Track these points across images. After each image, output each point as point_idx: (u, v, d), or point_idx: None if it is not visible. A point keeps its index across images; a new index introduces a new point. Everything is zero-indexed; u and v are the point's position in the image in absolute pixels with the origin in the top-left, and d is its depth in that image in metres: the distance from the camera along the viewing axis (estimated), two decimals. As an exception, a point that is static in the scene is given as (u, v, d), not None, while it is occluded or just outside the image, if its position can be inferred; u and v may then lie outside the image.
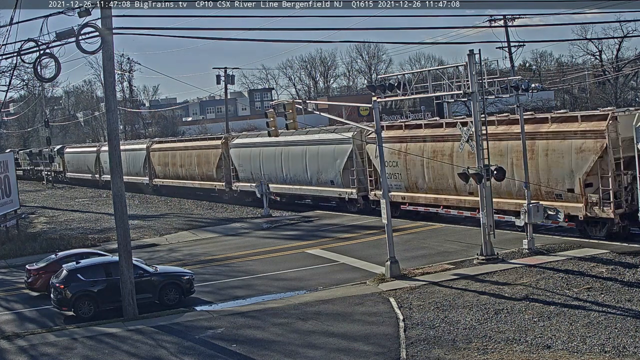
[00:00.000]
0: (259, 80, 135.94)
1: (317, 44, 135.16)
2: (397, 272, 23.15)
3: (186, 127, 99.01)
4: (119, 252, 21.38)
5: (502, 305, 18.80)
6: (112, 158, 21.63)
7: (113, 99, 21.69)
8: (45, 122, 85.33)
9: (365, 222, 35.57)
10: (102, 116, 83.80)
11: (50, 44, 20.42)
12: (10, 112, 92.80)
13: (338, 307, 20.18)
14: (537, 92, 29.13)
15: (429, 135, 33.52)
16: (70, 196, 66.17)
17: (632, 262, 22.12)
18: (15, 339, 19.46)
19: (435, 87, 26.65)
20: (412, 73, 27.76)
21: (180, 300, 22.60)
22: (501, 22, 59.07)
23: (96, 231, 39.48)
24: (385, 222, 23.58)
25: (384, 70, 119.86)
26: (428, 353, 15.87)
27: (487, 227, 24.14)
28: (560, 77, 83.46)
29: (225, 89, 76.17)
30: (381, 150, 24.23)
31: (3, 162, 39.01)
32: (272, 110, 27.79)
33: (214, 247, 33.08)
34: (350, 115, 75.51)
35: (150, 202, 55.45)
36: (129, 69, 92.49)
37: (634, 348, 15.01)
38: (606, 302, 18.35)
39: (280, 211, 43.28)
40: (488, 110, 27.99)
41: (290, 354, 16.68)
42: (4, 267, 31.44)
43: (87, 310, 21.70)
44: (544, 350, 15.43)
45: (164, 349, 17.87)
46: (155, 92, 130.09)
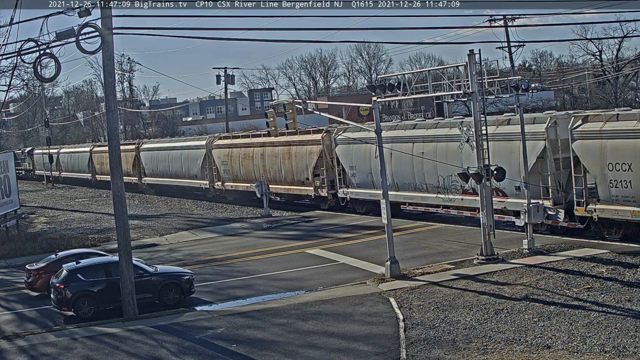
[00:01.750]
0: (259, 80, 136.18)
1: (317, 44, 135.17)
2: (397, 272, 23.15)
3: (186, 127, 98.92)
4: (119, 252, 21.38)
5: (502, 305, 18.80)
6: (112, 158, 21.62)
7: (113, 99, 21.69)
8: (45, 122, 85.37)
9: (365, 222, 35.57)
10: (102, 116, 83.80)
11: (50, 44, 20.44)
12: (10, 112, 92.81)
13: (338, 307, 20.19)
14: (537, 92, 29.20)
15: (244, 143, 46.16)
16: (70, 196, 66.20)
17: (632, 262, 22.12)
18: (15, 339, 19.47)
19: (435, 87, 26.65)
20: (412, 73, 27.74)
21: (180, 300, 22.60)
22: (501, 22, 59.10)
23: (96, 231, 39.48)
24: (385, 222, 23.58)
25: (384, 70, 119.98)
26: (428, 353, 15.87)
27: (487, 227, 24.14)
28: (560, 77, 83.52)
29: (225, 89, 76.24)
30: (381, 150, 24.22)
31: (3, 162, 39.00)
32: (272, 110, 27.79)
33: (214, 247, 33.09)
34: (350, 115, 75.53)
35: (150, 202, 55.45)
36: (129, 69, 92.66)
37: (634, 348, 15.01)
38: (606, 302, 18.35)
39: (280, 211, 43.28)
40: (488, 110, 28.01)
41: (290, 354, 16.68)
42: (4, 267, 31.44)
43: (87, 310, 21.70)
44: (544, 350, 15.43)
45: (164, 349, 17.88)
46: (155, 92, 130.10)
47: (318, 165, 41.15)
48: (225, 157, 50.83)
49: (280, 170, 44.48)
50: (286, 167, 43.91)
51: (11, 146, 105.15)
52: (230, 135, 54.47)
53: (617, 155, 24.92)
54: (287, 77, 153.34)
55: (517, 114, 27.20)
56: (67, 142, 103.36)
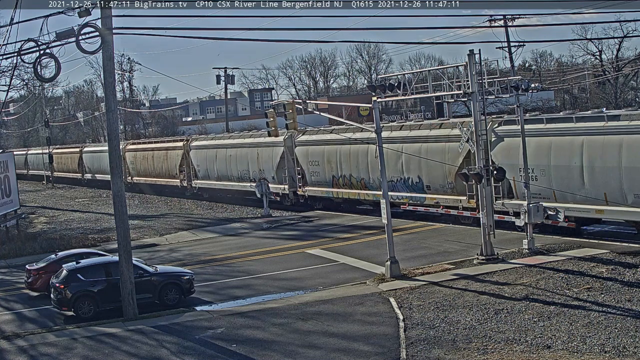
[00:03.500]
0: (259, 80, 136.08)
1: (317, 44, 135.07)
2: (397, 272, 23.15)
3: (186, 127, 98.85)
4: (119, 252, 21.37)
5: (502, 305, 18.80)
6: (112, 158, 21.62)
7: (113, 99, 21.68)
8: (45, 122, 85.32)
9: (365, 222, 35.58)
10: (102, 116, 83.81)
11: (50, 44, 20.43)
12: (10, 112, 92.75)
13: (338, 307, 20.19)
14: (537, 92, 29.20)
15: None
16: (70, 196, 66.20)
17: (632, 262, 22.13)
18: (15, 339, 19.47)
19: (435, 87, 26.66)
20: (412, 73, 27.75)
21: (180, 300, 22.60)
22: (501, 22, 59.08)
23: (96, 231, 39.48)
24: (385, 222, 23.58)
25: (384, 70, 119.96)
26: (428, 353, 15.87)
27: (487, 227, 24.14)
28: (560, 77, 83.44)
29: (225, 89, 76.24)
30: (381, 150, 24.23)
31: (3, 162, 39.00)
32: (272, 110, 27.79)
33: (214, 247, 33.09)
34: (350, 115, 75.43)
35: (150, 202, 55.44)
36: (129, 69, 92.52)
37: (634, 348, 15.01)
38: (606, 302, 18.35)
39: (280, 211, 43.29)
40: (488, 110, 28.03)
41: (290, 354, 16.68)
42: (4, 267, 31.44)
43: (87, 310, 21.70)
44: (544, 350, 15.44)
45: (164, 349, 17.88)
46: (155, 92, 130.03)
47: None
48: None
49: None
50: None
51: (11, 146, 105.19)
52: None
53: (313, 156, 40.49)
54: (287, 77, 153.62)
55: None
56: (67, 142, 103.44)
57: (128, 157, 63.41)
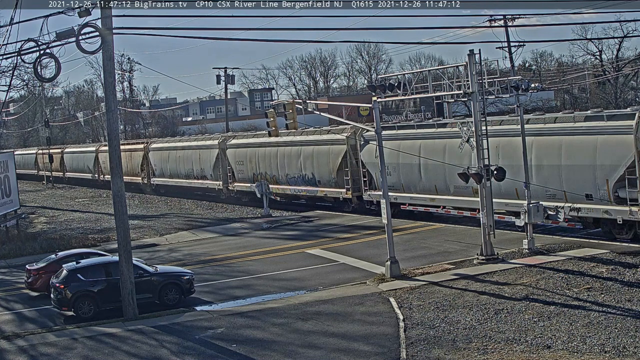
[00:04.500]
0: (259, 80, 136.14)
1: (317, 44, 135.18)
2: (397, 272, 23.15)
3: (186, 127, 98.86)
4: (119, 252, 21.37)
5: (502, 305, 18.80)
6: (112, 158, 21.61)
7: (113, 99, 21.68)
8: (45, 122, 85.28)
9: (365, 222, 35.58)
10: (102, 116, 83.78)
11: (50, 44, 20.42)
12: (10, 112, 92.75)
13: (338, 307, 20.19)
14: (537, 92, 29.19)
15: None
16: (70, 196, 66.22)
17: (632, 262, 22.13)
18: (15, 339, 19.47)
19: (435, 87, 26.64)
20: (412, 73, 27.74)
21: (180, 300, 22.60)
22: (501, 22, 59.08)
23: (96, 231, 39.49)
24: (385, 222, 23.58)
25: (384, 70, 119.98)
26: (428, 353, 15.88)
27: (487, 227, 24.14)
28: (560, 77, 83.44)
29: (225, 89, 76.24)
30: (381, 150, 24.23)
31: (3, 162, 39.00)
32: (272, 110, 27.81)
33: (214, 247, 33.09)
34: (350, 115, 75.44)
35: (150, 202, 55.47)
36: (129, 69, 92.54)
37: (634, 348, 15.01)
38: (606, 302, 18.35)
39: (280, 211, 43.31)
40: (488, 110, 28.03)
41: (290, 354, 16.68)
42: (4, 267, 31.44)
43: (87, 310, 21.70)
44: (544, 350, 15.44)
45: (164, 349, 17.88)
46: (155, 92, 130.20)
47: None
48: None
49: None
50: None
51: (11, 146, 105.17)
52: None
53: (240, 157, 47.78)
54: (287, 77, 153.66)
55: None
56: (67, 142, 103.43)
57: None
